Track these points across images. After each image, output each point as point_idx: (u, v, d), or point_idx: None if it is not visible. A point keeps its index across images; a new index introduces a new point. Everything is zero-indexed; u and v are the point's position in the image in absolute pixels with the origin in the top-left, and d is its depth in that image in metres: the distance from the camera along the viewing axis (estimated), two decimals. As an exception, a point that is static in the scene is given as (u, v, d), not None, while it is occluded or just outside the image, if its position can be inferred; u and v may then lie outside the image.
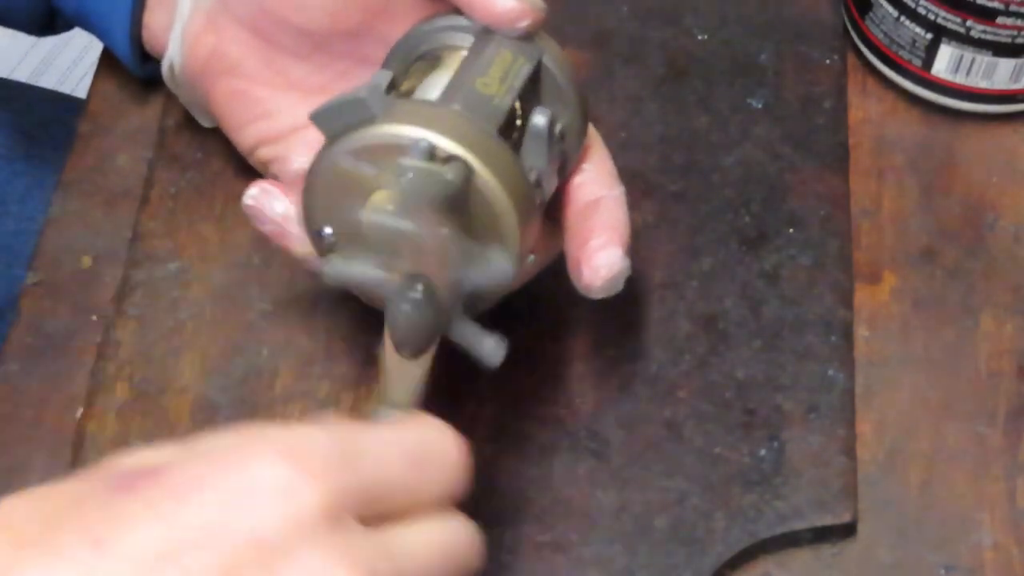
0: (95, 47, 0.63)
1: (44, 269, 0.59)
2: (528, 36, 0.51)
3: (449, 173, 0.46)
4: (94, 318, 0.58)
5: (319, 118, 0.48)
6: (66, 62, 1.63)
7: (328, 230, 0.50)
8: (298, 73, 0.56)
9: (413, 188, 0.46)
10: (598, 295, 0.51)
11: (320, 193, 0.49)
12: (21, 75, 1.62)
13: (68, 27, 0.66)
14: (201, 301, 0.58)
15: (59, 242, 0.60)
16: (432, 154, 0.47)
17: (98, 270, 0.59)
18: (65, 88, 1.61)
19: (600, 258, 0.51)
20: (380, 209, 0.47)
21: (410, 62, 0.53)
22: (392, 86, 0.51)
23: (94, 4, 0.60)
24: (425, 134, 0.47)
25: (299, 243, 0.53)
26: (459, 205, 0.47)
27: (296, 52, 0.56)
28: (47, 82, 1.62)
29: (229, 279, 0.59)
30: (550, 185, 0.51)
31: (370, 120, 0.48)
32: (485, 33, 0.51)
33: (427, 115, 0.48)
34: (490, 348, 0.47)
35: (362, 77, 0.56)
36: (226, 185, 0.61)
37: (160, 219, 0.60)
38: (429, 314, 0.46)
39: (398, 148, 0.47)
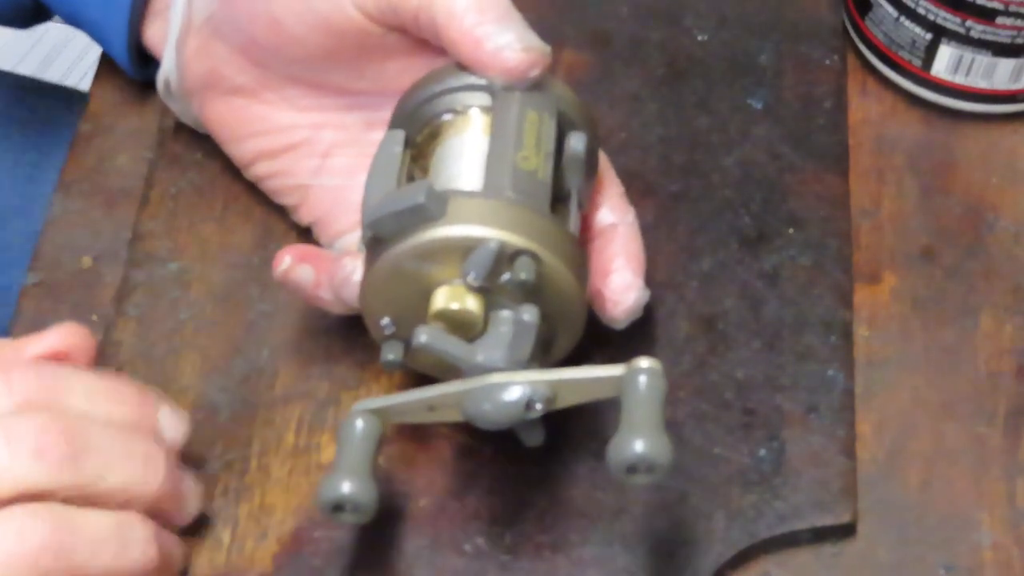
0: (95, 47, 0.63)
1: (44, 269, 0.59)
2: (539, 83, 0.52)
3: (523, 272, 0.48)
4: (94, 318, 0.58)
5: (377, 225, 0.49)
6: (68, 60, 1.63)
7: (386, 320, 0.50)
8: (295, 95, 0.56)
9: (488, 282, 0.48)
10: (622, 326, 0.54)
11: (380, 289, 0.50)
12: (24, 72, 1.62)
13: (52, 15, 0.66)
14: (201, 301, 0.58)
15: (59, 242, 0.60)
16: (501, 252, 0.48)
17: (98, 270, 0.59)
18: (67, 86, 1.61)
19: (622, 292, 0.53)
20: (455, 303, 0.49)
21: (423, 122, 0.53)
22: (407, 144, 0.53)
23: (88, 13, 0.60)
24: (491, 233, 0.48)
25: (332, 306, 0.54)
26: (531, 293, 0.49)
27: (292, 78, 0.56)
28: (49, 79, 1.61)
29: (229, 279, 0.59)
30: (586, 200, 0.53)
31: (431, 221, 0.48)
32: (503, 92, 0.52)
33: (487, 212, 0.48)
34: (531, 433, 0.50)
35: (361, 101, 0.56)
36: (226, 185, 0.61)
37: (160, 219, 0.60)
38: (516, 411, 0.47)
39: (463, 248, 0.48)
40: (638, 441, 0.44)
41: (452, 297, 0.49)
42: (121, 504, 0.48)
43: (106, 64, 0.65)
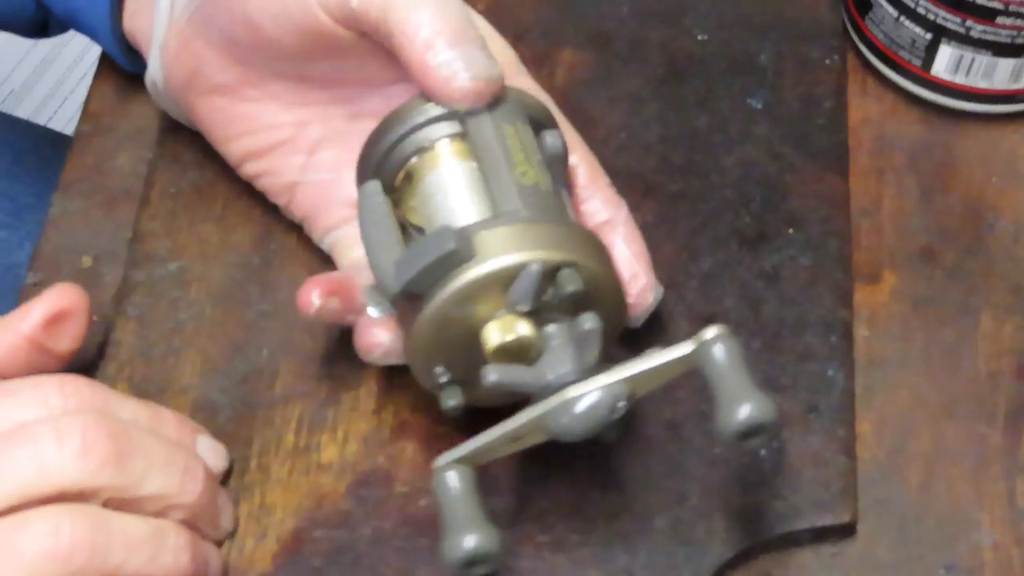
0: (95, 47, 0.64)
1: (44, 269, 0.59)
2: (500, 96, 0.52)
3: (569, 285, 0.48)
4: (94, 318, 0.58)
5: (412, 285, 0.48)
6: (66, 62, 1.63)
7: (440, 369, 0.50)
8: (279, 91, 0.56)
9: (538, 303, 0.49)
10: (639, 323, 0.54)
11: (428, 342, 0.49)
12: (21, 75, 1.62)
13: (62, 29, 0.66)
14: (201, 301, 0.58)
15: (59, 242, 0.60)
16: (542, 274, 0.48)
17: (98, 270, 0.59)
18: (65, 87, 1.61)
19: (642, 295, 0.54)
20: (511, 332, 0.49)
21: (395, 167, 0.52)
22: (389, 189, 0.52)
23: (77, 3, 0.61)
24: (528, 256, 0.48)
25: (369, 331, 0.53)
26: (578, 301, 0.49)
27: (274, 74, 0.56)
28: (47, 81, 1.62)
29: (229, 279, 0.59)
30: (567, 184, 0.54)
31: (464, 264, 0.48)
32: (470, 116, 0.51)
33: (515, 238, 0.48)
34: (611, 432, 0.49)
35: (346, 94, 0.56)
36: (226, 185, 0.61)
37: (160, 219, 0.60)
38: (601, 416, 0.48)
39: (504, 280, 0.48)
40: (741, 408, 0.45)
41: (504, 330, 0.49)
42: (157, 511, 0.49)
43: (105, 65, 0.65)
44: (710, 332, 0.47)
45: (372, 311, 0.53)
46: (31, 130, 0.87)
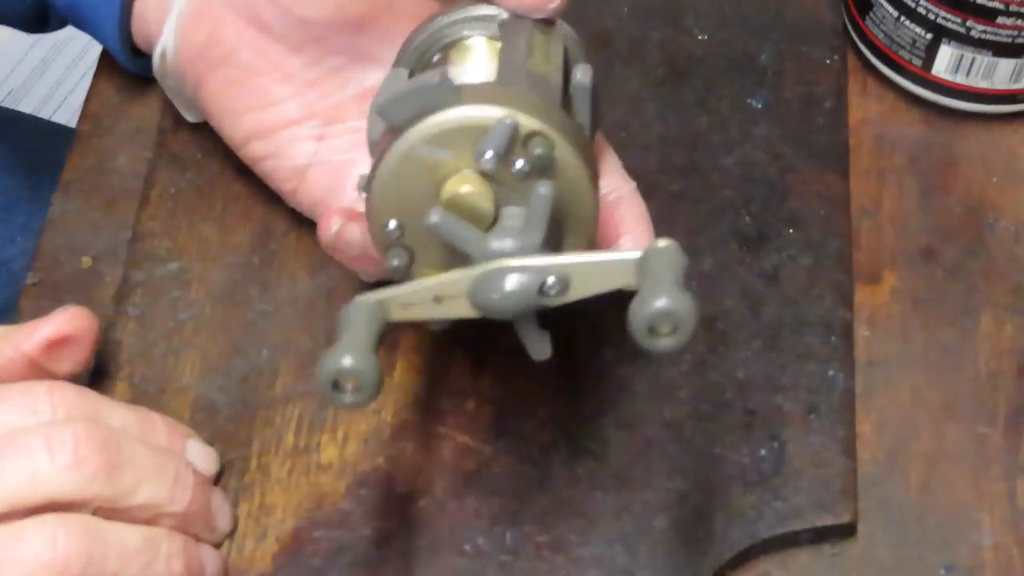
0: (94, 47, 0.63)
1: (44, 269, 0.59)
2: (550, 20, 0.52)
3: (538, 148, 0.47)
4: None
5: (390, 109, 0.48)
6: (66, 61, 1.63)
7: (393, 224, 0.49)
8: (292, 66, 0.56)
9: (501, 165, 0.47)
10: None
11: (391, 182, 0.48)
12: (20, 74, 1.62)
13: (61, 24, 0.66)
14: (201, 301, 0.58)
15: (59, 242, 0.60)
16: (516, 133, 0.47)
17: (98, 270, 0.59)
18: (65, 87, 1.61)
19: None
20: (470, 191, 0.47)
21: (430, 55, 0.53)
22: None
23: None
24: (507, 112, 0.47)
25: (379, 265, 0.53)
26: (543, 176, 0.48)
27: (292, 44, 0.55)
28: (47, 81, 1.62)
29: (229, 279, 0.59)
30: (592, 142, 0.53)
31: (446, 105, 0.47)
32: (511, 21, 0.52)
33: (502, 96, 0.48)
34: (539, 346, 0.48)
35: (357, 74, 0.56)
36: (226, 185, 0.61)
37: (160, 219, 0.60)
38: (528, 295, 0.45)
39: (478, 129, 0.47)
40: (660, 298, 0.42)
41: (463, 181, 0.47)
42: (148, 520, 0.49)
43: (105, 65, 0.65)
44: (661, 243, 0.44)
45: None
46: (24, 122, 0.86)
